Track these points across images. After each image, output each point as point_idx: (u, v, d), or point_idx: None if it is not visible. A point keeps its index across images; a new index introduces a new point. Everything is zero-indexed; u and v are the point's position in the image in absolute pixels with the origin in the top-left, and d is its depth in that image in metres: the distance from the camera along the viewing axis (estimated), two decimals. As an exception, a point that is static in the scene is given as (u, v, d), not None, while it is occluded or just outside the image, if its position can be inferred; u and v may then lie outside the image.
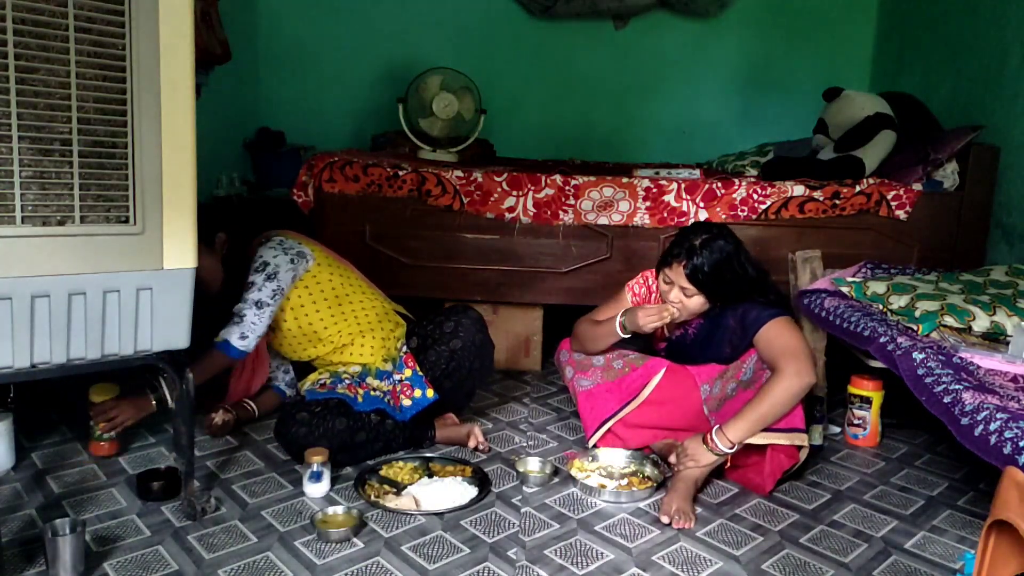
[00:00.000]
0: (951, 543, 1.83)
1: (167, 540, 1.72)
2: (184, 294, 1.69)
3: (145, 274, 1.63)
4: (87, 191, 1.54)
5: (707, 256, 2.05)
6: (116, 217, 1.58)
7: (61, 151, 1.50)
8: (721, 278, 2.07)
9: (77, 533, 1.54)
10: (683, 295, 2.11)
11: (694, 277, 2.06)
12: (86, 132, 1.52)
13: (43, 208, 1.50)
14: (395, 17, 4.34)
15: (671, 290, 2.13)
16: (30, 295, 1.51)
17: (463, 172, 2.92)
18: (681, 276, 2.08)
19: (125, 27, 1.53)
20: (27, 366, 1.54)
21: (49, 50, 1.46)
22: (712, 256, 2.05)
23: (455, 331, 2.30)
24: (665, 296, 2.15)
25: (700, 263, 2.05)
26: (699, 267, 2.05)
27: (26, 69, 1.44)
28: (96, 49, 1.51)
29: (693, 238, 2.08)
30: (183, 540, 1.72)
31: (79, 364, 1.61)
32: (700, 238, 2.07)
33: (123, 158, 1.57)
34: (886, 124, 3.06)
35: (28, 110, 1.45)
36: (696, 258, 2.05)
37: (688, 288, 2.09)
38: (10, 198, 1.46)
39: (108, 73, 1.53)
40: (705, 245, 2.06)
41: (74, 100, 1.50)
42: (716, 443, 1.97)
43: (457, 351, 2.28)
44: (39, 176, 1.49)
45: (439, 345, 2.29)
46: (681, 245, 2.09)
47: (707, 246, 2.06)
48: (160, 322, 1.67)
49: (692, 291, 2.09)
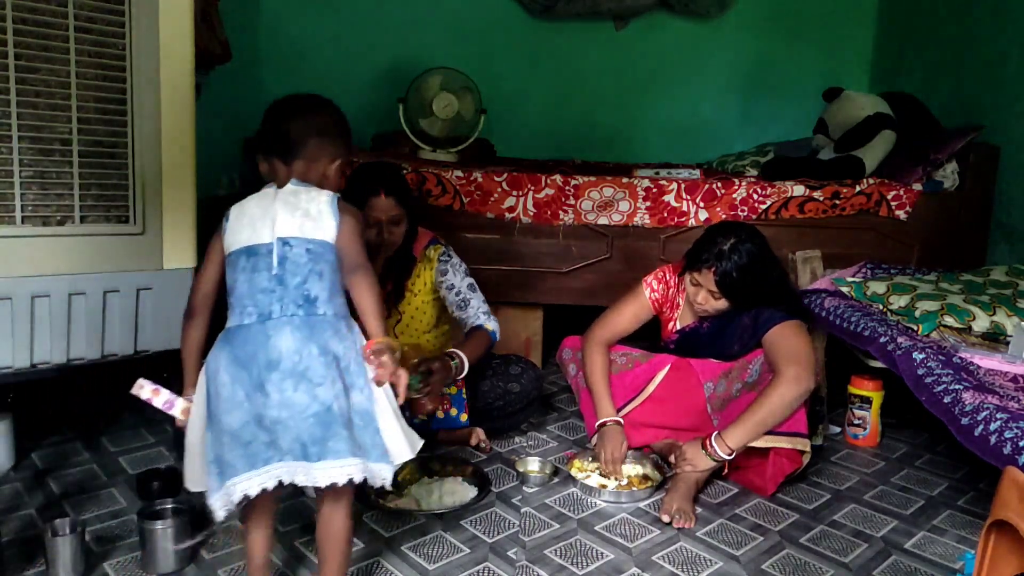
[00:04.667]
0: (951, 543, 1.83)
1: (167, 540, 1.72)
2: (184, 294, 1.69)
3: (145, 274, 1.63)
4: (87, 191, 1.54)
5: (737, 261, 2.04)
6: (116, 217, 1.59)
7: (61, 151, 1.51)
8: (748, 284, 2.06)
9: (77, 533, 1.54)
10: (711, 297, 2.11)
11: (723, 283, 2.06)
12: (86, 132, 1.53)
13: (43, 208, 1.51)
14: (395, 17, 4.33)
15: (698, 292, 2.13)
16: (30, 295, 1.51)
17: (463, 172, 2.92)
18: (710, 281, 2.07)
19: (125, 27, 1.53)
20: (27, 366, 1.54)
21: (49, 50, 1.46)
22: (741, 261, 2.04)
23: (519, 376, 2.34)
24: (692, 297, 2.15)
25: (729, 269, 2.04)
26: (728, 273, 2.04)
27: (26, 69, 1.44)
28: (96, 49, 1.51)
29: (722, 242, 2.06)
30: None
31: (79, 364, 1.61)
32: (729, 242, 2.06)
33: (123, 158, 1.57)
34: (886, 124, 3.06)
35: (28, 110, 1.46)
36: (726, 263, 2.04)
37: (716, 292, 2.09)
38: (10, 198, 1.47)
39: (108, 73, 1.53)
40: (734, 250, 2.04)
41: (74, 100, 1.50)
42: (715, 449, 1.97)
43: (512, 394, 2.32)
44: (39, 176, 1.49)
45: (498, 380, 2.32)
46: (710, 250, 2.07)
47: (736, 251, 2.04)
48: (160, 322, 1.67)
49: (720, 295, 2.09)
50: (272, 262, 1.34)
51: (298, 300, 1.33)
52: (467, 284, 2.29)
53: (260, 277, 1.34)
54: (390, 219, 2.15)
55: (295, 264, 1.34)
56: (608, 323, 2.30)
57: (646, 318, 2.32)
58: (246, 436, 1.28)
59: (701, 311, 2.17)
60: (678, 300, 2.29)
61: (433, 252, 2.31)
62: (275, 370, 1.29)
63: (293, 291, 1.33)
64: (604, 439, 2.12)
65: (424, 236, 2.34)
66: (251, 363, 1.29)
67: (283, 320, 1.32)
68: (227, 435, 1.28)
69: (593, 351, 2.25)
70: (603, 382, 2.21)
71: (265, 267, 1.34)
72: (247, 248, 1.36)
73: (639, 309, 2.30)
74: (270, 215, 1.36)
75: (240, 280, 1.35)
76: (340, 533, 1.39)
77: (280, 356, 1.29)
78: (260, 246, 1.35)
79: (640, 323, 2.32)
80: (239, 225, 1.38)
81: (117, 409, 2.45)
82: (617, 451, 2.10)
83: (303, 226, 1.36)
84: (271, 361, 1.29)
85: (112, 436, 2.28)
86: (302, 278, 1.34)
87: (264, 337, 1.30)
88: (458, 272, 2.29)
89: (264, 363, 1.29)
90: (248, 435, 1.28)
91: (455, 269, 2.29)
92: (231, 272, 1.37)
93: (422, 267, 2.30)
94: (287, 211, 1.37)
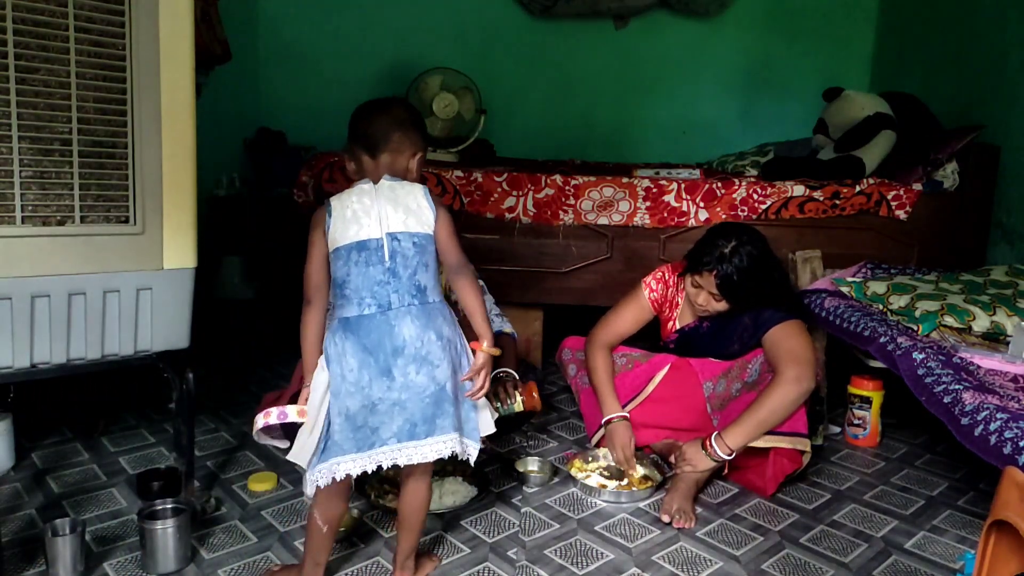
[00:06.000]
0: (951, 543, 1.83)
1: (167, 540, 1.72)
2: (184, 294, 1.69)
3: (145, 274, 1.63)
4: (87, 191, 1.54)
5: (737, 263, 2.04)
6: (116, 217, 1.59)
7: (61, 151, 1.51)
8: (749, 287, 2.07)
9: (77, 533, 1.54)
10: (711, 299, 2.11)
11: (724, 286, 2.06)
12: (86, 132, 1.52)
13: (43, 208, 1.51)
14: (395, 17, 4.33)
15: (699, 294, 2.13)
16: (30, 295, 1.51)
17: (463, 172, 2.92)
18: (711, 284, 2.08)
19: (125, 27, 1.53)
20: (27, 366, 1.54)
21: (49, 50, 1.46)
22: (742, 264, 2.04)
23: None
24: (693, 299, 2.16)
25: (730, 272, 2.04)
26: (729, 276, 2.05)
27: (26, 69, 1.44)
28: (96, 49, 1.51)
29: (723, 245, 2.07)
30: (183, 540, 1.72)
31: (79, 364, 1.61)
32: (730, 245, 2.06)
33: (123, 158, 1.57)
34: (886, 124, 3.06)
35: (28, 110, 1.46)
36: (727, 266, 2.05)
37: (717, 295, 2.09)
38: (10, 198, 1.47)
39: (108, 73, 1.53)
40: (735, 252, 2.05)
41: (74, 100, 1.50)
42: (715, 449, 1.97)
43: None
44: (39, 176, 1.49)
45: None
46: (711, 252, 2.07)
47: (737, 253, 2.05)
48: (160, 322, 1.67)
49: (720, 297, 2.09)
50: (384, 256, 1.45)
51: (411, 291, 1.46)
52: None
53: (374, 270, 1.45)
54: None
55: (405, 257, 1.46)
56: (609, 325, 2.30)
57: (647, 319, 2.32)
58: (359, 420, 1.41)
59: (702, 312, 2.17)
60: (677, 299, 2.29)
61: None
62: (400, 355, 1.42)
63: (406, 282, 1.46)
64: (613, 435, 2.13)
65: None
66: (378, 350, 1.42)
67: (403, 310, 1.44)
68: (341, 416, 1.41)
69: (596, 354, 2.25)
70: (608, 381, 2.21)
71: (378, 260, 1.45)
72: (357, 243, 1.45)
73: (639, 310, 2.30)
74: (375, 211, 1.47)
75: (354, 273, 1.45)
76: (424, 503, 1.55)
77: (404, 342, 1.43)
78: (370, 241, 1.45)
79: (641, 324, 2.33)
80: (343, 221, 1.47)
81: (117, 409, 2.45)
82: (627, 447, 2.10)
83: (407, 221, 1.48)
84: (396, 348, 1.42)
85: (112, 436, 2.28)
86: (412, 270, 1.47)
87: (388, 326, 1.43)
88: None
89: (390, 349, 1.42)
90: (360, 419, 1.41)
91: None
92: (341, 266, 1.46)
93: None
94: (391, 206, 1.48)
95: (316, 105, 4.32)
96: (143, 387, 2.58)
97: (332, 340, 1.44)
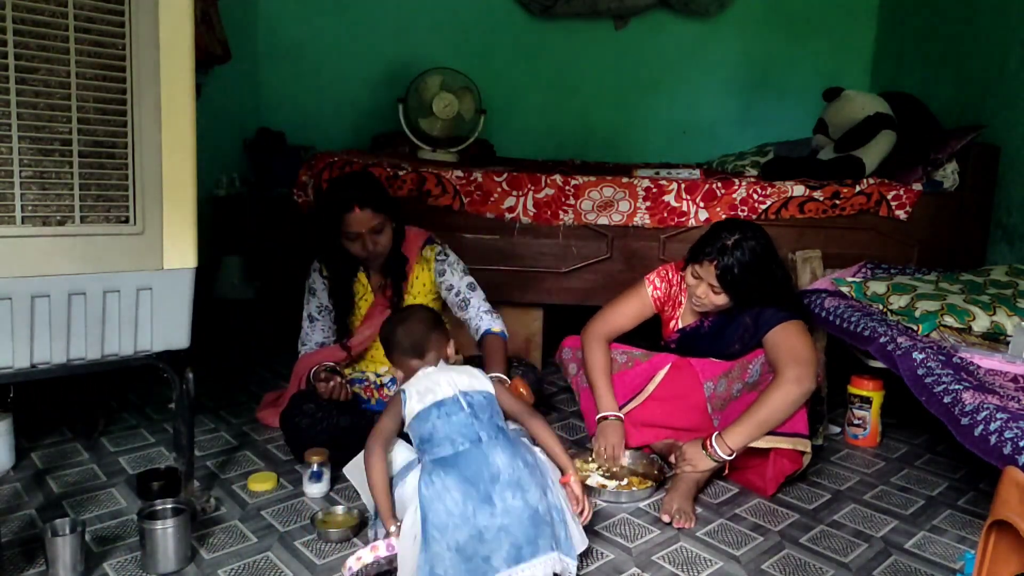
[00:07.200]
0: (951, 543, 1.83)
1: (167, 540, 1.72)
2: (184, 294, 1.69)
3: (145, 274, 1.63)
4: (87, 191, 1.54)
5: (739, 257, 2.03)
6: (116, 217, 1.58)
7: (61, 151, 1.50)
8: (749, 281, 2.06)
9: (77, 533, 1.54)
10: (711, 292, 2.11)
11: (724, 278, 2.05)
12: (86, 132, 1.52)
13: (43, 208, 1.51)
14: (395, 17, 4.33)
15: (699, 285, 2.12)
16: (30, 295, 1.51)
17: (463, 172, 2.92)
18: (711, 275, 2.07)
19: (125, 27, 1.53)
20: (27, 366, 1.54)
21: (49, 50, 1.46)
22: (744, 257, 2.04)
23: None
24: (692, 291, 2.15)
25: (731, 264, 2.03)
26: (730, 267, 2.04)
27: (26, 69, 1.44)
28: (96, 49, 1.51)
29: (726, 237, 2.06)
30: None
31: (79, 364, 1.61)
32: (733, 238, 2.05)
33: (123, 158, 1.57)
34: (886, 124, 3.06)
35: (28, 110, 1.45)
36: (728, 258, 2.04)
37: (716, 286, 2.09)
38: (10, 198, 1.46)
39: (108, 73, 1.53)
40: (738, 246, 2.04)
41: (74, 100, 1.50)
42: (715, 449, 1.97)
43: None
44: (39, 176, 1.49)
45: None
46: (714, 244, 2.07)
47: (739, 247, 2.04)
48: (160, 322, 1.67)
49: (720, 289, 2.09)
50: (462, 405, 1.64)
51: (492, 428, 1.63)
52: (466, 283, 2.28)
53: (458, 418, 1.62)
54: (371, 229, 2.15)
55: (479, 405, 1.65)
56: (608, 318, 2.30)
57: (646, 315, 2.32)
58: (469, 551, 1.47)
59: (700, 306, 2.16)
60: (680, 299, 2.29)
61: (429, 252, 2.31)
62: (497, 482, 1.53)
63: (487, 422, 1.63)
64: (603, 433, 2.13)
65: (419, 236, 2.33)
66: (478, 479, 1.53)
67: (492, 442, 1.59)
68: (451, 552, 1.47)
69: (593, 346, 2.25)
70: (604, 377, 2.21)
71: (458, 410, 1.63)
72: (436, 403, 1.63)
73: (641, 306, 2.30)
74: (444, 379, 1.68)
75: (439, 425, 1.61)
76: None
77: (499, 469, 1.55)
78: (447, 399, 1.64)
79: (640, 320, 2.32)
80: (419, 394, 1.66)
81: (117, 409, 2.45)
82: (617, 446, 2.10)
83: (471, 383, 1.69)
84: (493, 475, 1.54)
85: (112, 436, 2.28)
86: (488, 414, 1.65)
87: (483, 456, 1.56)
88: (456, 271, 2.28)
89: (488, 477, 1.53)
90: (471, 550, 1.48)
91: (452, 268, 2.28)
92: (423, 425, 1.62)
93: (420, 268, 2.30)
94: (455, 373, 1.70)
95: (316, 105, 4.32)
96: (143, 387, 2.58)
97: (428, 480, 1.53)
